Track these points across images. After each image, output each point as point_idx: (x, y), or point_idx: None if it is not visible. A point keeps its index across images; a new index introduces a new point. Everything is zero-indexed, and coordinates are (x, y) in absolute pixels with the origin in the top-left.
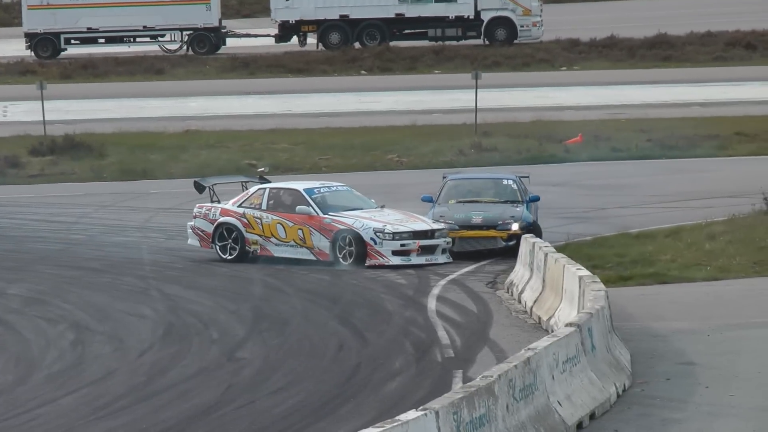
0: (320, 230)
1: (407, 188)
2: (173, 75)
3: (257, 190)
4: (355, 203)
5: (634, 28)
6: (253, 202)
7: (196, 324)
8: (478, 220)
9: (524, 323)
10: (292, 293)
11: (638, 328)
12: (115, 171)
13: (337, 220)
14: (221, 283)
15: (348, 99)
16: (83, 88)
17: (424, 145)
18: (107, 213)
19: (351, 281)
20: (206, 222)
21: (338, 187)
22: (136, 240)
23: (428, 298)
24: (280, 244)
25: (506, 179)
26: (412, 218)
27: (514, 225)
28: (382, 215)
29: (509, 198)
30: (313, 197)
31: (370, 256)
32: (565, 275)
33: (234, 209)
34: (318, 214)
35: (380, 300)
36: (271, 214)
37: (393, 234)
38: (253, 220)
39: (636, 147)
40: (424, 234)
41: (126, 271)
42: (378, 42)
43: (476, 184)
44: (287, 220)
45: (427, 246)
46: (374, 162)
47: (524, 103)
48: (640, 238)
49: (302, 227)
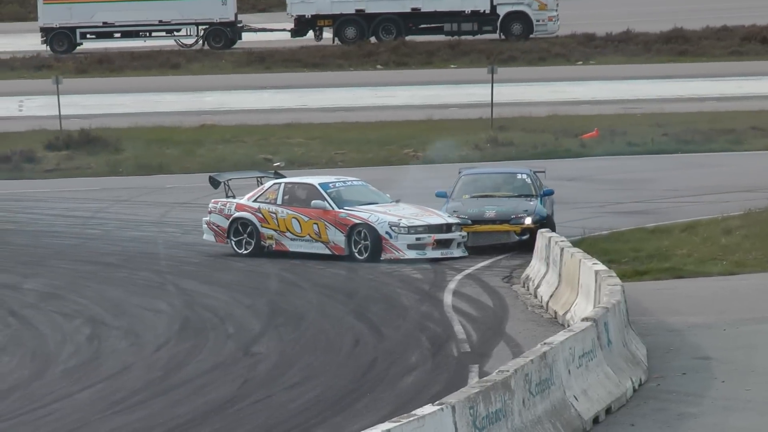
0: (335, 224)
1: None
2: (189, 69)
3: (272, 185)
4: (370, 198)
5: (650, 22)
6: (268, 197)
7: (212, 319)
8: (492, 215)
9: (540, 318)
10: (308, 288)
11: (654, 323)
12: (131, 165)
13: (352, 215)
14: (237, 277)
15: (364, 93)
16: (99, 82)
17: (440, 140)
18: (123, 208)
19: (367, 276)
20: (221, 217)
21: (353, 181)
22: (152, 235)
23: (444, 293)
24: (296, 238)
25: (520, 173)
26: (428, 212)
27: (527, 219)
28: (397, 209)
29: (523, 192)
30: (329, 192)
31: (386, 250)
32: (581, 270)
33: (249, 204)
34: (333, 208)
35: (396, 295)
36: (287, 209)
37: (408, 228)
38: (268, 215)
39: (652, 141)
40: (440, 228)
41: (142, 266)
42: (394, 36)
43: (490, 178)
44: (302, 215)
45: (443, 240)
46: (390, 156)
47: (540, 98)
48: (656, 232)
49: (317, 222)
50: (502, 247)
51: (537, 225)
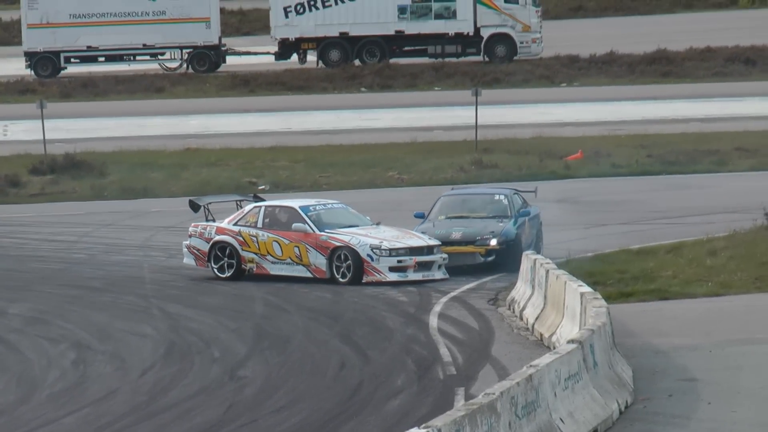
0: (317, 247)
1: (408, 205)
2: (173, 93)
3: (252, 209)
4: (350, 220)
5: (634, 44)
6: (248, 221)
7: (197, 343)
8: (458, 236)
9: (526, 340)
10: (294, 311)
11: (640, 345)
12: (115, 189)
13: (333, 237)
14: (222, 301)
15: (348, 116)
16: (83, 106)
17: (424, 162)
18: (108, 232)
19: (352, 299)
20: (202, 241)
21: (333, 204)
22: (137, 259)
23: (430, 316)
24: (277, 261)
25: (498, 194)
26: (408, 234)
27: (492, 240)
28: (378, 232)
29: (498, 213)
30: (309, 215)
31: (367, 272)
32: (567, 292)
33: (230, 227)
34: (314, 231)
35: (382, 318)
36: (267, 232)
37: (390, 250)
38: (249, 238)
39: (636, 163)
40: (421, 250)
41: (127, 290)
42: (378, 59)
43: (468, 199)
44: (283, 238)
45: (424, 262)
46: (375, 179)
47: (524, 120)
48: (641, 254)
49: (299, 245)
50: (467, 269)
51: (502, 246)
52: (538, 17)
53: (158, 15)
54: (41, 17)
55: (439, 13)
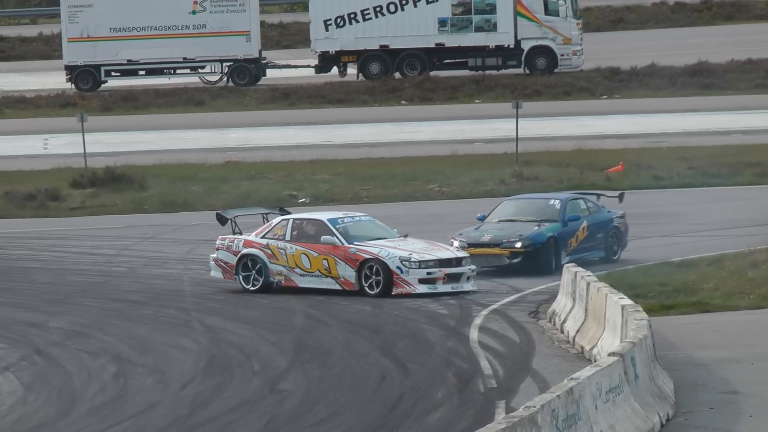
0: (345, 260)
1: (448, 218)
2: (213, 106)
3: (280, 221)
4: (378, 233)
5: (675, 56)
6: (276, 233)
7: (237, 356)
8: (487, 239)
9: (567, 353)
10: (334, 324)
11: (681, 358)
12: (156, 203)
13: (362, 250)
14: (262, 314)
15: (388, 129)
16: (124, 120)
17: (465, 175)
18: (148, 245)
19: (392, 312)
20: (229, 254)
21: (361, 217)
22: (178, 272)
23: (470, 329)
24: (305, 274)
25: (554, 199)
26: (437, 247)
27: (517, 243)
28: (407, 244)
29: (547, 217)
30: (338, 227)
31: (397, 284)
32: (608, 304)
33: (257, 240)
34: (343, 243)
35: (422, 330)
36: (295, 245)
37: (419, 262)
38: (277, 251)
39: (677, 175)
40: (450, 262)
41: (167, 304)
42: (418, 72)
43: (523, 203)
44: (312, 251)
45: (453, 274)
46: (415, 192)
47: (565, 132)
48: (682, 266)
49: (327, 257)
50: (497, 270)
51: (527, 249)
52: (579, 30)
53: (198, 28)
54: (82, 31)
55: (480, 25)
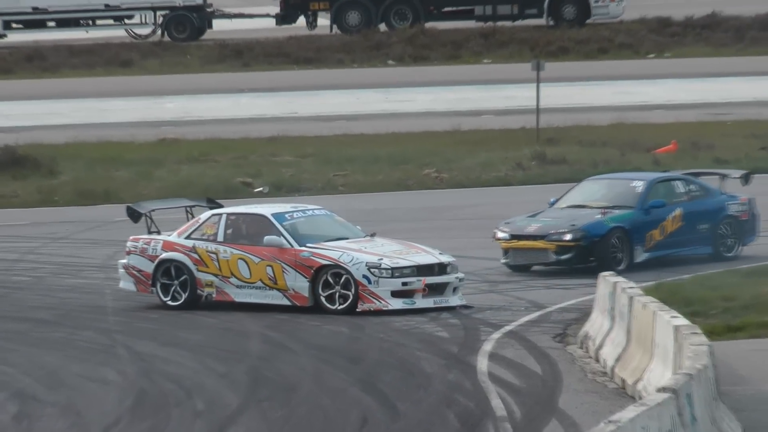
0: (296, 267)
1: (449, 212)
2: (144, 68)
3: (210, 218)
4: (337, 231)
5: (742, 2)
6: (205, 233)
7: (175, 391)
8: (532, 229)
9: (603, 388)
10: (300, 351)
11: (752, 394)
12: (69, 193)
13: (318, 254)
14: (207, 337)
15: (371, 97)
16: (28, 85)
17: (470, 157)
18: (60, 247)
19: (376, 334)
20: (144, 259)
21: (315, 211)
22: (98, 283)
23: (478, 356)
24: (244, 285)
25: (637, 180)
26: (414, 249)
27: (567, 235)
28: (375, 246)
29: (624, 202)
30: (285, 224)
31: (363, 298)
32: (657, 325)
33: (180, 242)
34: (293, 245)
35: (415, 359)
36: (231, 248)
37: (392, 270)
38: (206, 256)
39: (746, 157)
40: (431, 269)
41: (84, 324)
42: (410, 23)
43: (602, 185)
44: (252, 255)
45: (436, 284)
46: (406, 179)
47: (600, 101)
48: (752, 276)
49: (272, 263)
50: (553, 274)
51: (578, 243)
52: None
53: None
54: None
55: None
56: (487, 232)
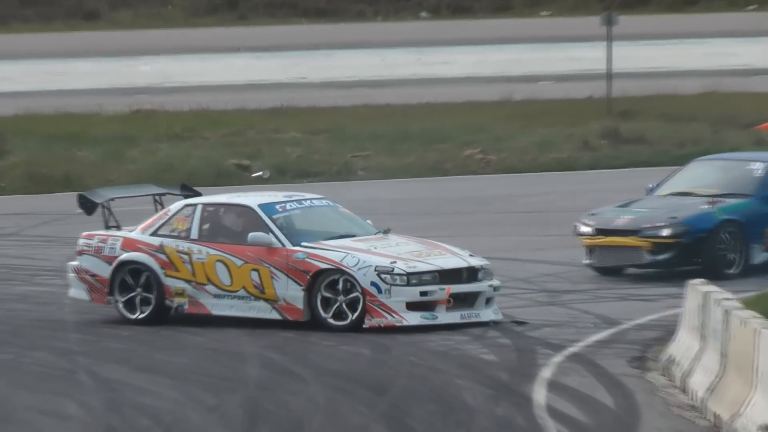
0: (288, 271)
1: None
2: (113, 21)
3: (182, 209)
4: (342, 227)
5: None
6: (176, 228)
7: (152, 429)
8: (623, 222)
9: (692, 425)
10: (310, 377)
11: None
12: (20, 177)
13: (315, 255)
14: (193, 360)
15: (399, 58)
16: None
17: (523, 134)
18: (8, 246)
19: (405, 357)
20: (99, 261)
21: (315, 201)
22: (56, 291)
23: (534, 386)
24: (223, 294)
25: (757, 161)
26: (437, 249)
27: (664, 230)
28: (388, 246)
29: (739, 190)
30: (275, 218)
31: (371, 311)
32: (760, 347)
33: (145, 239)
34: (284, 245)
35: (455, 388)
36: (207, 247)
37: (408, 275)
38: (176, 257)
39: None
40: (457, 275)
41: (38, 342)
42: None
43: (715, 168)
44: (233, 257)
45: (464, 294)
46: (442, 161)
47: (687, 65)
48: None
49: (258, 267)
50: (651, 278)
51: (683, 240)
52: None
53: None
54: None
55: None
56: (544, 228)
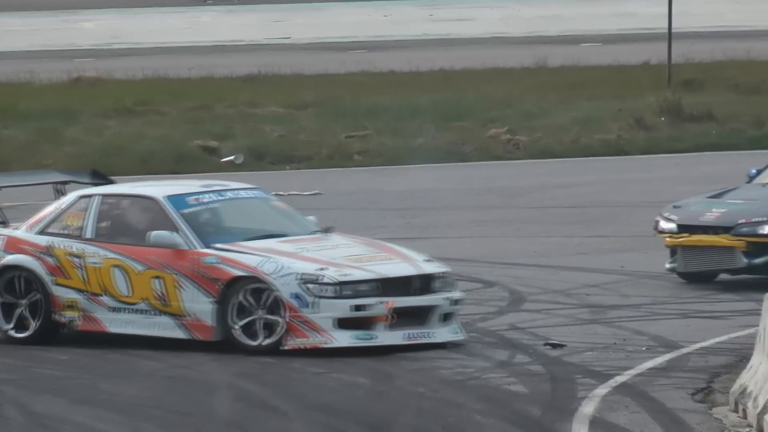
0: (196, 278)
1: (529, 196)
2: None
3: (77, 202)
4: (273, 224)
5: None
6: (68, 224)
7: None
8: (711, 217)
9: None
10: (293, 412)
11: None
12: None
13: (229, 259)
14: (148, 391)
15: (407, 14)
16: None
17: (561, 110)
18: None
19: (412, 387)
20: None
21: (241, 192)
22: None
23: (573, 424)
24: (121, 307)
25: None
26: (386, 253)
27: (765, 227)
28: (323, 248)
29: None
30: (185, 212)
31: (293, 329)
32: None
33: (30, 239)
34: (193, 246)
35: (474, 427)
36: (104, 248)
37: (339, 285)
38: (66, 261)
39: None
40: (405, 284)
41: None
42: None
43: None
44: (133, 261)
45: (411, 309)
46: (460, 143)
47: (765, 23)
48: None
49: (161, 274)
50: (744, 286)
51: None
52: None
53: None
54: None
55: None
56: (587, 228)
